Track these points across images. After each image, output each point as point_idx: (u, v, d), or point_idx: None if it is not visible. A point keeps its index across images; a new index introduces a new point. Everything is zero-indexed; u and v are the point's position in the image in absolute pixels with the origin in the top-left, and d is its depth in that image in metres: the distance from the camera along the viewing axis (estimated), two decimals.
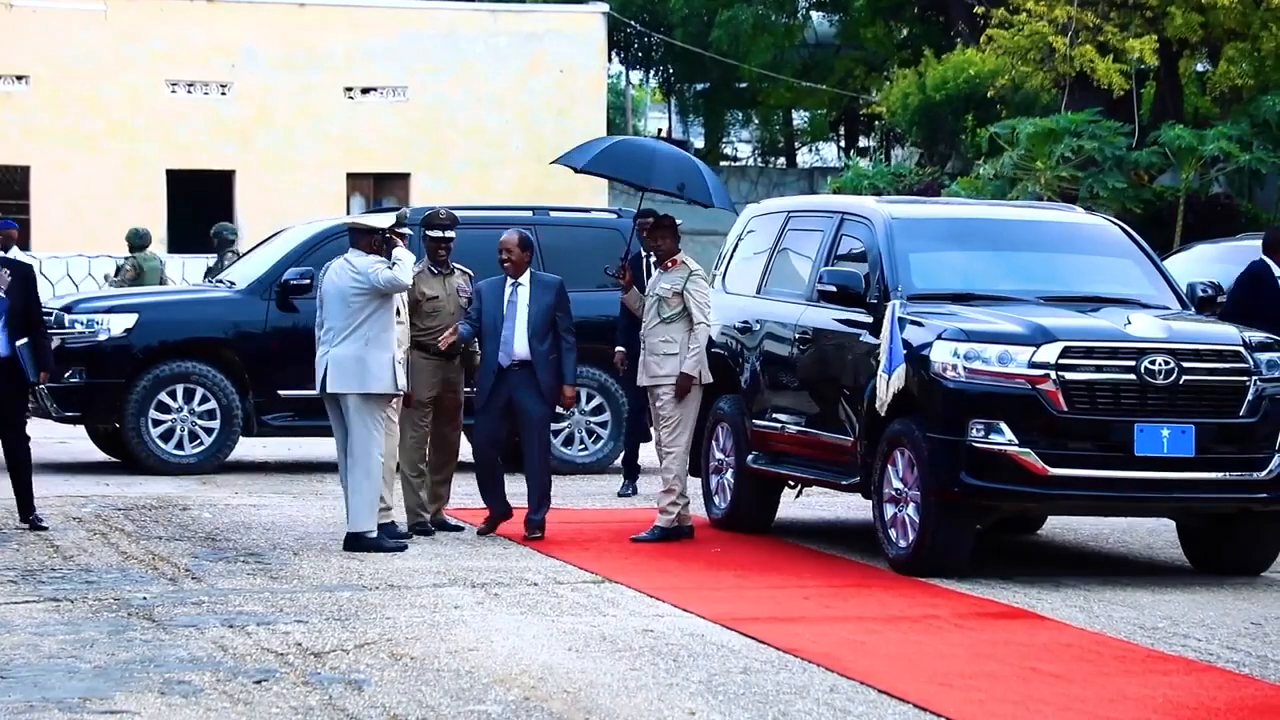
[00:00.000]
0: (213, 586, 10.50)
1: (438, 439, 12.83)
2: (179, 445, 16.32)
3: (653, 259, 13.57)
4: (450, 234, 12.82)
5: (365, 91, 35.05)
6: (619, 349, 14.78)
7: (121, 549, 11.90)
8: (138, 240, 22.39)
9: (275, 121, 34.11)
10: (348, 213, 31.14)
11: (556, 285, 12.62)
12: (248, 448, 17.70)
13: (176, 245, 31.67)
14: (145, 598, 10.10)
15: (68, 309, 16.66)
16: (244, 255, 19.57)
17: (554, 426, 17.04)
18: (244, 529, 12.82)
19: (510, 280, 12.51)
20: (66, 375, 16.19)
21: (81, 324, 16.43)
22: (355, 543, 11.80)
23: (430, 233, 12.82)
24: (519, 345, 12.40)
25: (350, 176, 34.68)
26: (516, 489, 12.96)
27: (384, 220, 12.08)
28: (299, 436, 17.39)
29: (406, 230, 12.39)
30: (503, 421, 12.59)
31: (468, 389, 12.97)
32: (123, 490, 15.07)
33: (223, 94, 34.38)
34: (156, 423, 16.28)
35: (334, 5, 34.86)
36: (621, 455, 16.17)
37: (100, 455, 17.47)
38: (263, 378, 16.47)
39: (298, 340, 15.97)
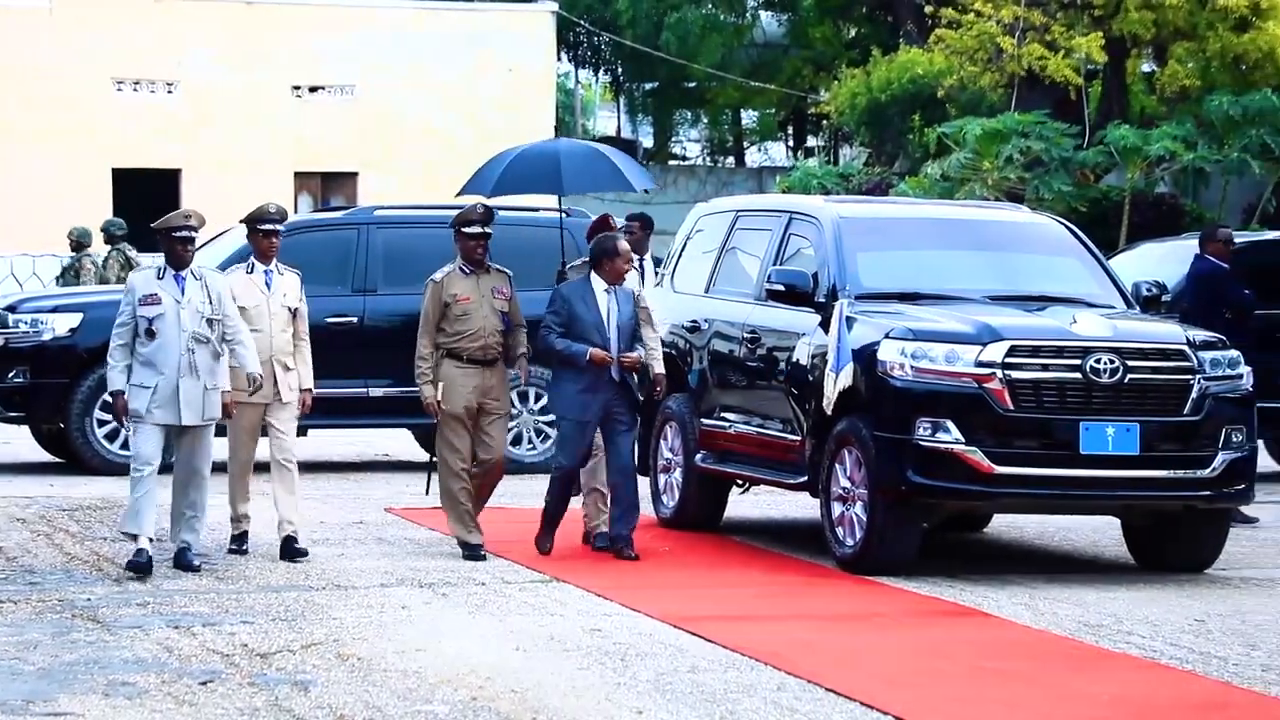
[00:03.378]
0: (158, 588, 10.45)
1: (479, 459, 11.81)
2: (124, 445, 16.19)
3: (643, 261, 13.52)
4: (488, 230, 11.87)
5: (313, 90, 34.93)
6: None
7: (66, 550, 11.83)
8: (86, 239, 22.29)
9: (222, 120, 33.97)
10: (295, 212, 31.06)
11: (634, 295, 11.96)
12: None
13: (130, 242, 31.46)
14: (90, 599, 10.05)
15: (11, 308, 16.57)
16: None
17: None
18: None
19: (604, 288, 11.75)
20: (10, 375, 16.10)
21: (25, 324, 16.34)
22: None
23: (466, 229, 11.83)
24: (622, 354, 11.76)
25: (298, 175, 34.56)
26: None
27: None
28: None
29: (280, 227, 11.75)
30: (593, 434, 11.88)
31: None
32: (67, 491, 14.98)
33: (169, 92, 34.22)
34: (101, 423, 16.19)
35: (281, 3, 34.74)
36: None
37: (44, 455, 17.36)
38: None
39: None
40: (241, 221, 12.09)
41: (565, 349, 11.63)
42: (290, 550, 11.47)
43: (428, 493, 12.14)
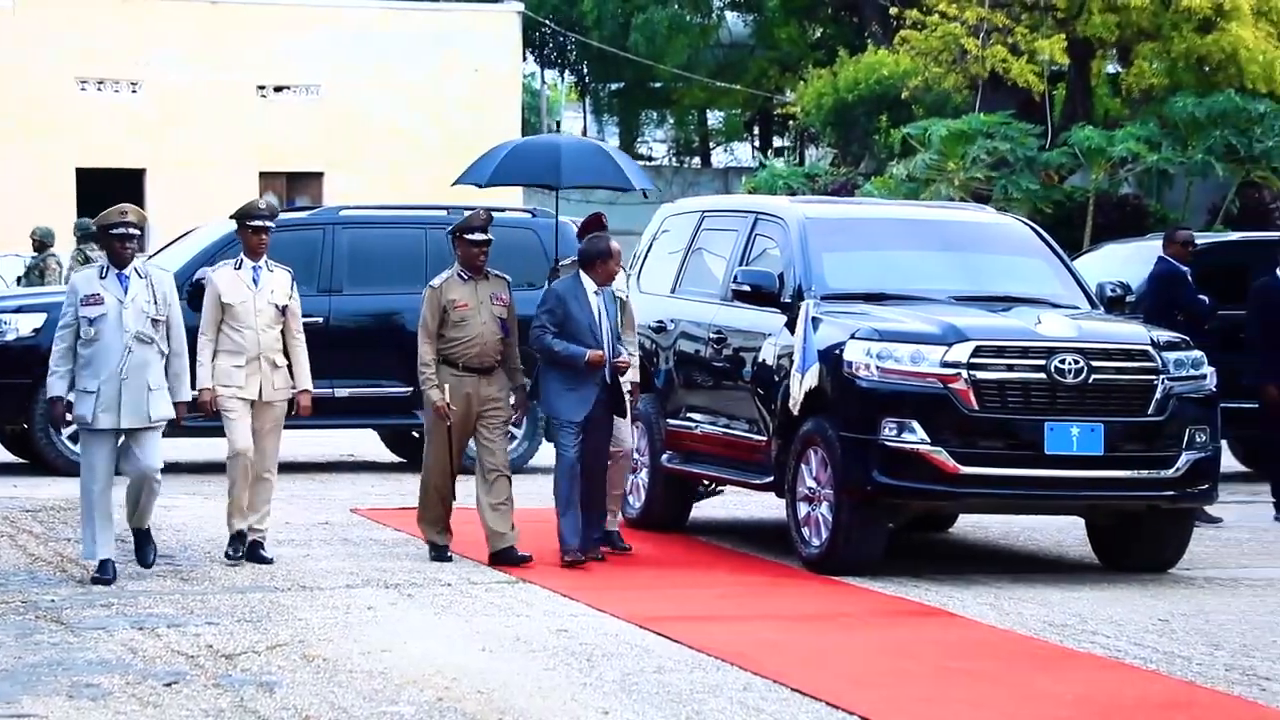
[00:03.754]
0: (122, 589, 10.41)
1: (484, 466, 11.58)
2: None
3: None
4: (488, 236, 11.59)
5: (278, 90, 34.88)
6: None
7: (30, 551, 11.78)
8: (50, 239, 22.22)
9: (187, 120, 33.89)
10: None
11: (619, 297, 11.87)
12: None
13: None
14: (53, 600, 10.01)
15: None
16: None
17: None
18: (154, 530, 12.68)
19: (594, 289, 11.56)
20: None
21: None
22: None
23: (467, 236, 11.55)
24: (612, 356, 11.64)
25: (263, 175, 34.52)
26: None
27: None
28: (211, 437, 17.25)
29: (269, 224, 11.56)
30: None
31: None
32: (31, 492, 14.92)
33: (134, 92, 34.13)
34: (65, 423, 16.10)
35: (246, 3, 34.68)
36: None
37: (7, 456, 17.29)
38: None
39: None
40: (231, 217, 11.89)
41: (564, 350, 11.42)
42: (257, 556, 11.35)
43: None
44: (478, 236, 11.54)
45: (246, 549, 11.39)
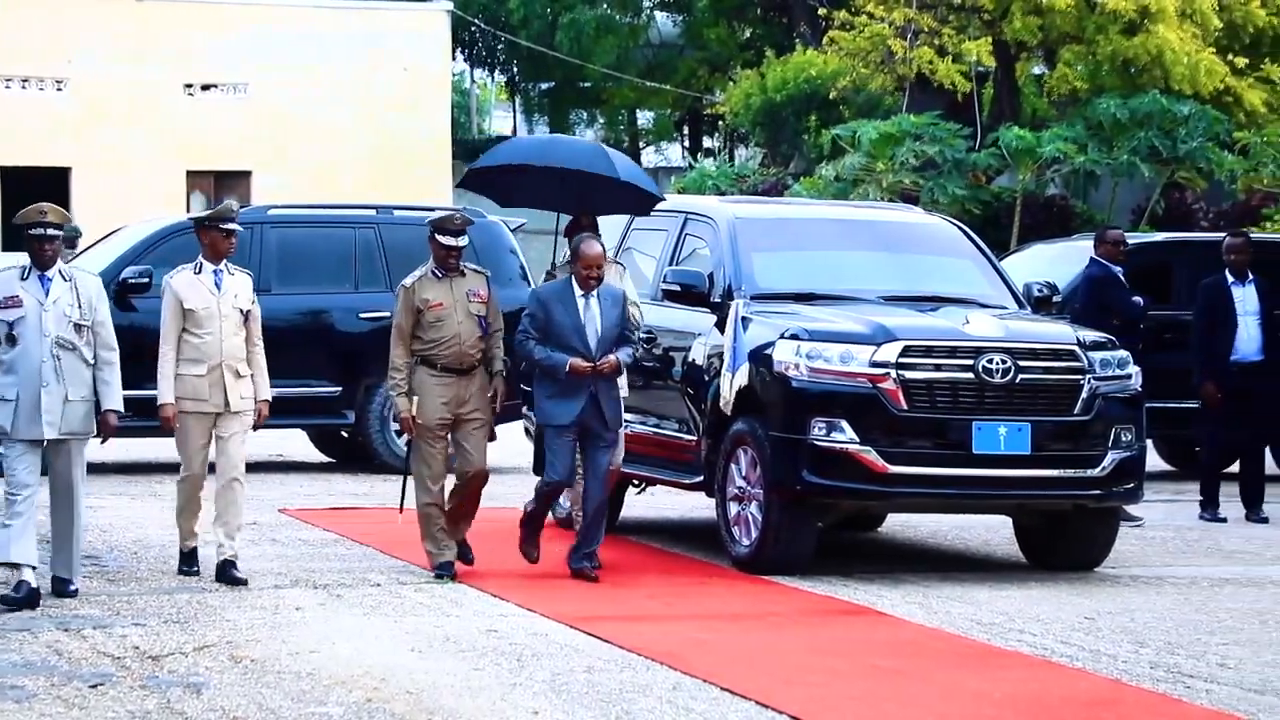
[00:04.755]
0: (47, 591, 10.31)
1: (460, 468, 11.13)
2: None
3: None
4: (463, 241, 11.11)
5: (205, 88, 34.67)
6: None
7: None
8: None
9: (113, 118, 33.66)
10: (188, 210, 30.82)
11: (622, 298, 11.24)
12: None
13: (11, 244, 31.10)
14: None
15: None
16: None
17: (396, 426, 16.98)
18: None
19: (582, 293, 11.05)
20: None
21: None
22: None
23: (441, 238, 11.04)
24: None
25: (190, 174, 34.31)
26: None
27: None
28: (137, 437, 17.14)
29: (234, 226, 11.05)
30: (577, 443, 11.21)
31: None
32: None
33: (58, 90, 33.86)
34: None
35: (172, 1, 34.45)
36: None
37: None
38: None
39: (136, 339, 15.75)
40: (197, 220, 11.19)
41: (545, 359, 10.99)
42: (228, 576, 10.63)
43: (401, 509, 11.34)
44: (448, 240, 11.04)
45: (217, 569, 10.69)
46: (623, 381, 11.55)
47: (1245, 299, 14.56)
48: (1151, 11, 28.76)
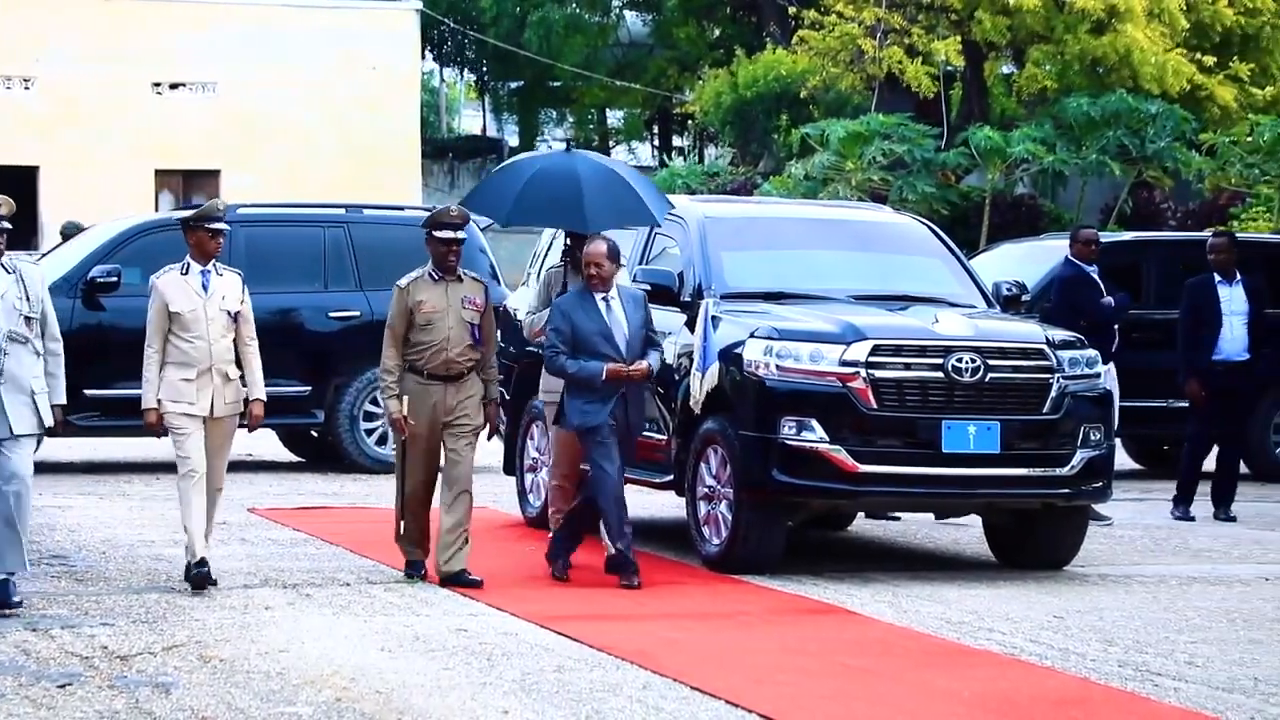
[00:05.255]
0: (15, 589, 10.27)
1: (447, 478, 10.77)
2: None
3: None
4: (461, 235, 10.76)
5: (174, 87, 34.59)
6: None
7: None
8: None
9: (81, 117, 33.56)
10: (155, 209, 30.75)
11: (643, 299, 11.05)
12: (52, 448, 17.37)
13: None
14: None
15: None
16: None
17: (366, 426, 16.98)
18: (48, 530, 12.58)
19: (599, 295, 10.82)
20: None
21: None
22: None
23: (438, 233, 10.70)
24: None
25: (159, 173, 34.23)
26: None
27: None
28: (105, 437, 17.11)
29: (222, 225, 10.66)
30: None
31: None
32: None
33: (26, 88, 33.74)
34: None
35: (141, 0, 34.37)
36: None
37: None
38: (68, 377, 16.15)
39: (104, 339, 15.74)
40: (183, 219, 10.76)
41: (578, 371, 10.68)
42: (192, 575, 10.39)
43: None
44: (446, 234, 10.68)
45: (186, 569, 10.43)
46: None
47: (1232, 299, 14.54)
48: (1120, 11, 28.86)
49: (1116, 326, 14.39)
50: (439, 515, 10.82)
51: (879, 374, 11.06)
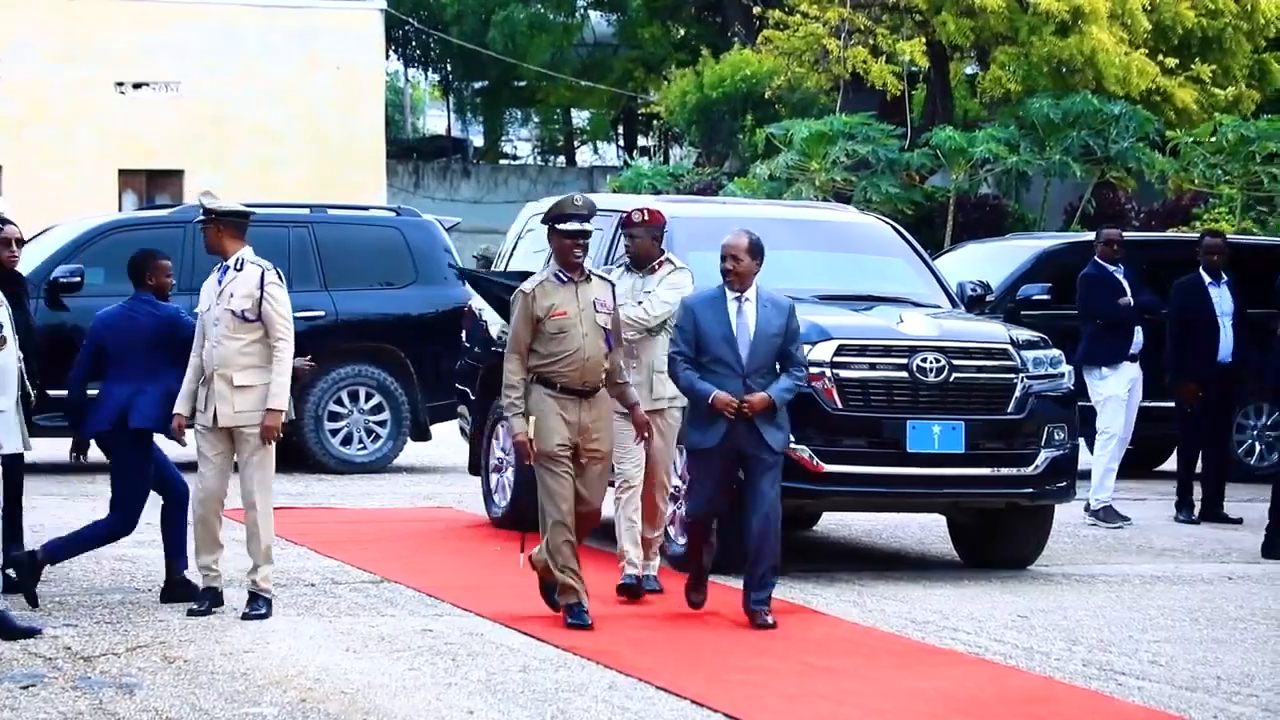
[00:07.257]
0: None
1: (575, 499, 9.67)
2: None
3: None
4: (589, 227, 9.63)
5: (137, 86, 34.48)
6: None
7: None
8: None
9: (44, 116, 33.43)
10: (119, 209, 30.64)
11: (789, 309, 9.88)
12: None
13: None
14: None
15: None
16: None
17: (331, 426, 16.95)
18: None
19: (733, 294, 9.87)
20: None
21: None
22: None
23: (561, 225, 9.58)
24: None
25: (123, 173, 34.12)
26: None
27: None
28: (68, 437, 16.99)
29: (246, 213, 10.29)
30: (734, 470, 9.92)
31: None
32: None
33: None
34: None
35: None
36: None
37: None
38: (30, 377, 16.08)
39: (67, 339, 15.65)
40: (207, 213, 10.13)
41: (689, 387, 9.72)
42: (173, 593, 10.13)
43: (522, 564, 10.06)
44: (571, 226, 9.56)
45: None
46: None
47: (1221, 299, 14.55)
48: (1084, 12, 28.94)
49: (1139, 327, 14.28)
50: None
51: (844, 374, 11.08)
